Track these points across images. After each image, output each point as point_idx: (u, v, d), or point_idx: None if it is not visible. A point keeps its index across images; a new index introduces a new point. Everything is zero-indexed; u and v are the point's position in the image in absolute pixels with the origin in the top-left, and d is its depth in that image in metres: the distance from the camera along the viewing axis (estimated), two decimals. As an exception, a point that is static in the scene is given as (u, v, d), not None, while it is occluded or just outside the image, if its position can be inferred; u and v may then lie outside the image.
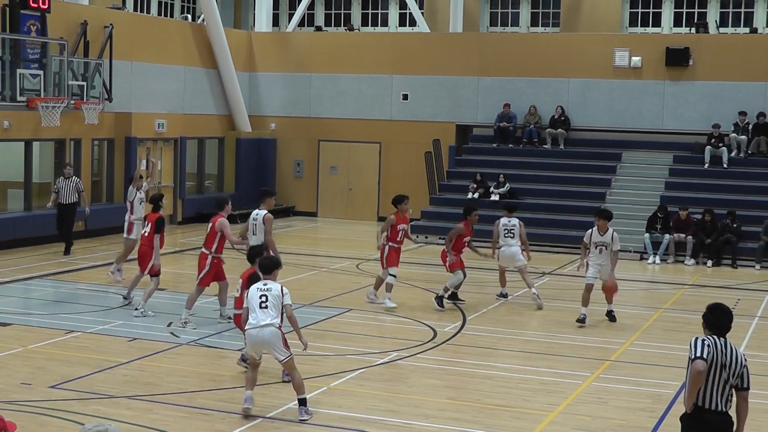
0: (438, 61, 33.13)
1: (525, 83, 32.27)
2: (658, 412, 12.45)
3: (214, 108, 33.58)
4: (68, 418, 11.36)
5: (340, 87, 34.28)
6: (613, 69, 31.39)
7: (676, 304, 20.50)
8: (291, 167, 35.00)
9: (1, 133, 25.12)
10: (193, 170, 32.74)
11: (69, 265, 22.65)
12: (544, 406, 12.61)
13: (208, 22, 33.07)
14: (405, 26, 40.64)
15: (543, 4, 39.42)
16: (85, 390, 12.66)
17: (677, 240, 26.38)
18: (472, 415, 12.16)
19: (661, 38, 32.95)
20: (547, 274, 23.73)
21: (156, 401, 12.21)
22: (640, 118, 31.19)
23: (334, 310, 18.35)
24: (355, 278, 22.24)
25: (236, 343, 15.36)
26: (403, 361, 14.77)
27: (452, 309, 18.68)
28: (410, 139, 33.03)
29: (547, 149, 31.50)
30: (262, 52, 35.38)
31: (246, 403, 11.79)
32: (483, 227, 28.12)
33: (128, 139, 29.05)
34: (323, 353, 15.09)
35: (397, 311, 18.04)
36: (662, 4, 37.65)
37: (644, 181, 29.75)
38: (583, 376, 14.18)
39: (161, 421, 11.49)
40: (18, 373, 13.44)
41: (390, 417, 11.93)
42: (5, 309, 17.74)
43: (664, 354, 15.75)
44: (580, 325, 17.34)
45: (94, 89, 27.84)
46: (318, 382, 13.34)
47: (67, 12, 27.67)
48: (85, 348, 15.04)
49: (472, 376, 14.11)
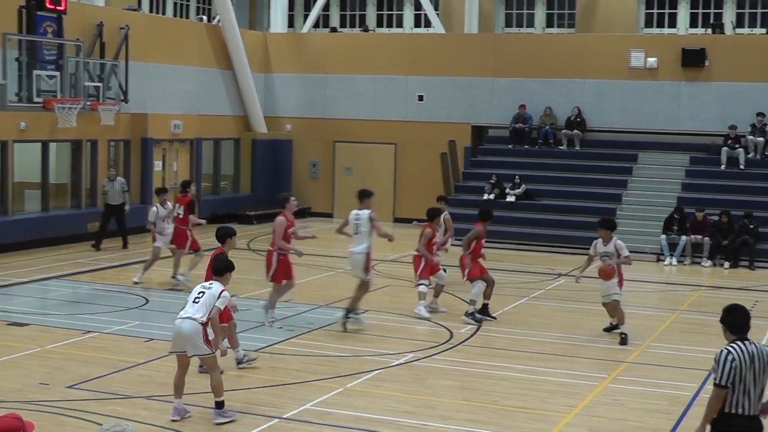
0: (453, 62, 33.12)
1: (540, 84, 32.23)
2: (675, 415, 12.41)
3: (230, 109, 33.64)
4: (86, 418, 11.40)
5: (356, 88, 34.30)
6: (628, 70, 31.32)
7: (693, 306, 20.44)
8: (307, 168, 35.04)
9: (18, 134, 25.22)
10: (209, 171, 32.81)
11: (86, 266, 22.72)
12: (561, 408, 12.59)
13: (224, 23, 33.12)
14: (420, 27, 40.62)
15: (558, 4, 39.34)
16: (102, 390, 12.71)
17: (694, 241, 26.30)
18: (488, 417, 12.15)
19: (677, 39, 32.85)
20: (563, 275, 23.68)
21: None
22: (655, 120, 31.10)
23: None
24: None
25: (255, 344, 15.40)
26: (419, 362, 14.77)
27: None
28: (425, 140, 33.02)
29: (562, 150, 31.46)
30: (278, 53, 35.42)
31: (173, 415, 11.58)
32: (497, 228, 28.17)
33: (144, 140, 29.15)
34: (339, 354, 15.11)
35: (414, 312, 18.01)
36: (678, 5, 37.54)
37: (660, 183, 29.67)
38: (599, 378, 14.16)
39: (178, 421, 11.51)
40: (36, 373, 13.49)
41: (406, 418, 11.93)
42: (23, 309, 17.83)
43: (681, 356, 15.71)
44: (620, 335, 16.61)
45: (111, 90, 27.93)
46: (334, 383, 13.35)
47: (84, 13, 27.76)
48: (102, 348, 15.08)
49: (489, 377, 14.09)
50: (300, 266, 21.86)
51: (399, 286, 21.48)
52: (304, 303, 18.53)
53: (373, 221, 16.68)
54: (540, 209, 29.52)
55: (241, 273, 19.76)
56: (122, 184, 26.11)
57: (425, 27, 40.16)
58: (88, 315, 17.43)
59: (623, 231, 27.67)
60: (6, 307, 18.06)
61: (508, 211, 29.43)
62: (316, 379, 13.56)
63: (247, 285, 20.09)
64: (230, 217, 31.66)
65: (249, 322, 17.00)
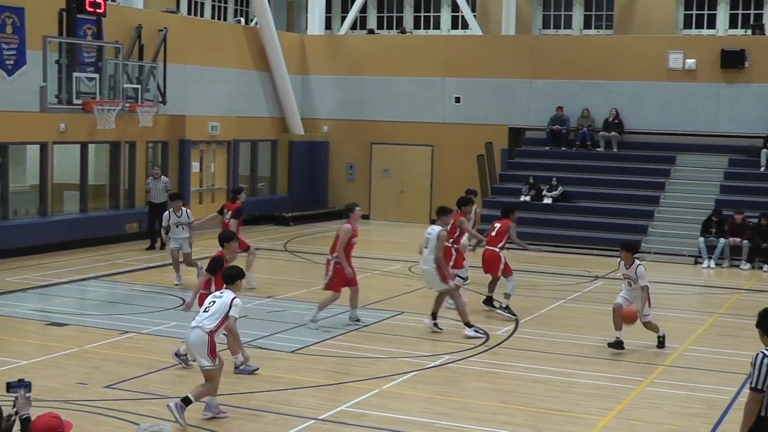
0: (490, 63, 33.07)
1: (578, 86, 32.12)
2: (713, 419, 12.33)
3: (267, 111, 33.76)
4: (123, 418, 11.48)
5: (393, 90, 34.32)
6: (667, 71, 31.14)
7: (731, 309, 20.28)
8: (344, 170, 35.11)
9: (58, 136, 25.46)
10: (246, 173, 32.94)
11: (124, 267, 22.88)
12: (597, 411, 12.54)
13: (261, 25, 33.25)
14: (457, 29, 40.60)
15: (596, 6, 39.20)
16: (139, 390, 12.79)
17: (732, 244, 26.11)
18: (524, 419, 12.12)
19: (716, 40, 32.61)
20: (599, 278, 23.58)
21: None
22: (694, 121, 30.89)
23: (386, 313, 18.37)
24: (408, 281, 22.24)
25: (290, 345, 15.46)
26: (455, 365, 14.75)
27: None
28: (462, 142, 33.00)
29: (600, 152, 31.33)
30: (315, 55, 35.52)
31: (204, 411, 11.68)
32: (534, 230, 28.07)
33: (182, 142, 29.32)
34: (375, 356, 15.13)
35: (449, 315, 17.97)
36: (717, 6, 37.29)
37: (699, 185, 29.47)
38: (636, 381, 14.09)
39: (214, 421, 11.57)
40: (74, 372, 13.60)
41: (442, 420, 11.92)
42: (62, 309, 17.98)
43: (719, 359, 15.61)
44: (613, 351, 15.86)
45: (149, 92, 28.11)
46: (370, 385, 13.37)
47: (123, 16, 27.96)
48: (140, 348, 15.18)
49: (525, 379, 14.05)
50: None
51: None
52: (341, 305, 18.53)
53: (440, 239, 16.43)
54: (577, 211, 29.41)
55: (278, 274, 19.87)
56: (166, 183, 26.42)
57: (462, 29, 40.15)
58: (126, 315, 17.55)
59: (661, 233, 27.70)
60: (45, 307, 18.25)
61: (545, 213, 29.36)
62: (352, 381, 13.58)
63: (284, 286, 20.17)
64: (267, 218, 31.82)
65: (286, 323, 17.09)
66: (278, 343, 15.69)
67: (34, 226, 24.76)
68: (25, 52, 24.62)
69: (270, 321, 17.32)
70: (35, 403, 8.39)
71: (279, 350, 15.21)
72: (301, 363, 14.54)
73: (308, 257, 25.20)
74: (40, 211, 25.27)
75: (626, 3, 38.05)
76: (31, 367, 12.97)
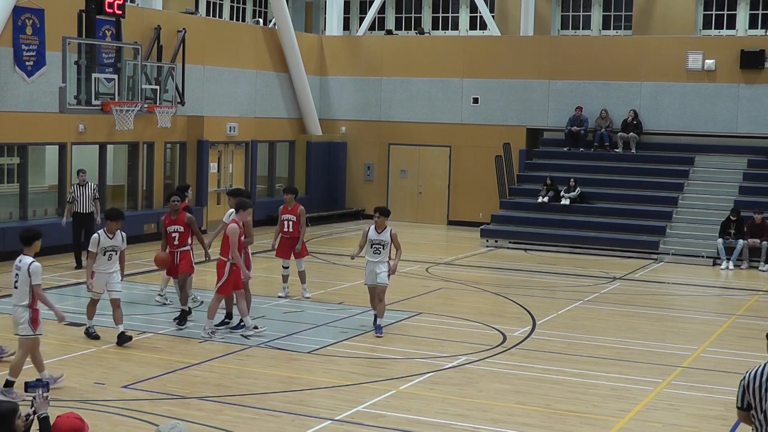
0: (509, 64, 33.03)
1: (596, 86, 32.04)
2: (731, 420, 12.27)
3: (285, 111, 33.81)
4: (141, 418, 11.51)
5: (411, 90, 34.33)
6: (686, 72, 31.03)
7: (749, 311, 20.19)
8: (361, 170, 35.13)
9: (77, 137, 25.57)
10: (263, 173, 33.00)
11: (142, 267, 22.92)
12: (615, 413, 12.50)
13: (280, 26, 33.31)
14: (476, 29, 40.55)
15: (615, 6, 39.07)
16: (156, 390, 12.82)
17: (751, 245, 26.00)
18: (541, 421, 12.09)
19: (736, 40, 32.46)
20: (618, 279, 23.53)
21: (226, 402, 12.32)
22: (713, 122, 30.79)
23: (403, 314, 18.36)
24: (425, 282, 22.24)
25: (308, 345, 15.47)
26: (472, 365, 14.74)
27: (522, 313, 18.59)
28: (480, 142, 32.97)
29: (618, 153, 31.24)
30: (333, 55, 35.55)
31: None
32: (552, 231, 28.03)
33: (200, 142, 29.39)
34: (392, 356, 15.12)
35: (467, 315, 17.97)
36: (737, 6, 37.12)
37: (718, 186, 29.35)
38: (654, 383, 14.04)
39: (231, 422, 11.58)
40: (92, 372, 13.65)
41: (459, 421, 11.91)
42: (79, 310, 18.01)
43: (737, 361, 15.53)
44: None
45: (167, 93, 28.18)
46: (387, 386, 13.36)
47: (141, 17, 28.05)
48: (157, 349, 15.22)
49: (542, 380, 14.02)
50: (353, 269, 21.96)
51: (453, 289, 21.47)
52: (357, 305, 18.56)
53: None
54: (595, 212, 29.33)
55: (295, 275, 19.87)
56: (94, 189, 23.35)
57: (480, 29, 40.08)
58: (144, 315, 17.60)
59: (679, 235, 27.61)
60: (63, 307, 18.20)
61: (563, 214, 29.28)
62: (369, 382, 13.58)
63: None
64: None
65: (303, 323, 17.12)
66: (295, 343, 15.70)
67: (53, 227, 24.81)
68: (44, 53, 24.80)
69: (287, 322, 17.34)
70: (53, 403, 8.42)
71: (296, 351, 15.22)
72: (318, 364, 14.56)
73: (326, 258, 25.21)
74: (58, 212, 25.34)
75: (645, 3, 37.94)
76: (50, 367, 12.99)
